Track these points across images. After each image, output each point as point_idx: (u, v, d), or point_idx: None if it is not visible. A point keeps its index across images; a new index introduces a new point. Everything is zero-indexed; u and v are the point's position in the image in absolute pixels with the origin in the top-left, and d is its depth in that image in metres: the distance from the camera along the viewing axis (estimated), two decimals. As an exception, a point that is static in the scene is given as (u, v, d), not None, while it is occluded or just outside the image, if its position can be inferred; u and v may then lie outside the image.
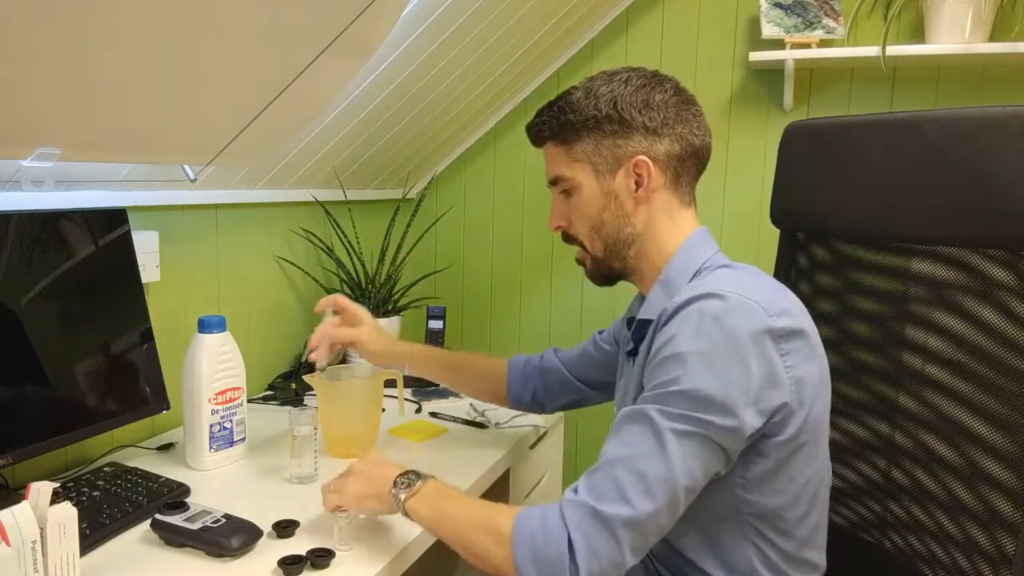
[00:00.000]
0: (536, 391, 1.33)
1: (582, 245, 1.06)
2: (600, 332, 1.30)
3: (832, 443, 1.16)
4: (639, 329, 1.02)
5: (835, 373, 1.15)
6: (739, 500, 0.91)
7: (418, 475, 0.97)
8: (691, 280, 0.98)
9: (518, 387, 1.34)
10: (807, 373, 0.89)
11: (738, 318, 0.86)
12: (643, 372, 0.94)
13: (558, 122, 1.02)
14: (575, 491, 0.87)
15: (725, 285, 0.89)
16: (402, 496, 0.95)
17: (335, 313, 1.36)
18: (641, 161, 0.99)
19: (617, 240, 1.02)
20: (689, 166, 1.02)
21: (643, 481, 0.83)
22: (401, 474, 0.98)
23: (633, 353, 1.04)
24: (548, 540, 0.84)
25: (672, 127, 0.99)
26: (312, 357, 1.31)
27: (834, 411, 1.15)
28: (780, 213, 1.21)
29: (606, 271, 1.06)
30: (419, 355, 1.36)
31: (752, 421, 0.85)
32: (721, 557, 0.93)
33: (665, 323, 0.90)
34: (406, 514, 0.96)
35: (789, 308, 0.90)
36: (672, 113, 0.99)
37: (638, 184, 0.99)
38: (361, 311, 1.35)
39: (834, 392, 1.15)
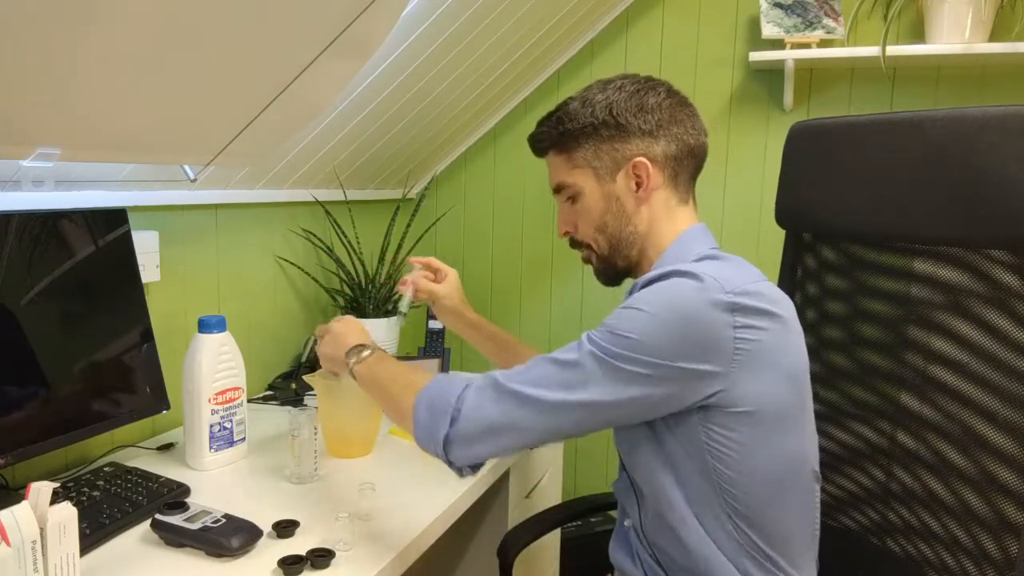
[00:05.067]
0: None
1: (589, 247, 1.09)
2: None
3: (840, 444, 1.16)
4: None
5: (842, 374, 1.15)
6: (711, 471, 0.93)
7: (366, 347, 1.11)
8: None
9: None
10: (764, 353, 0.90)
11: (692, 290, 0.90)
12: None
13: (557, 131, 1.06)
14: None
15: (698, 268, 0.93)
16: (351, 362, 1.10)
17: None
18: (640, 162, 1.02)
19: (620, 239, 1.06)
20: (686, 165, 1.05)
21: (547, 377, 0.93)
22: (354, 346, 1.12)
23: None
24: (446, 391, 0.97)
25: (667, 128, 1.02)
26: (399, 290, 1.40)
27: (842, 412, 1.16)
28: (785, 213, 1.21)
29: (612, 270, 1.10)
30: (483, 326, 1.40)
31: (677, 373, 0.88)
32: (709, 535, 0.95)
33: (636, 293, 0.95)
34: (354, 378, 1.10)
35: (756, 291, 0.91)
36: (666, 115, 1.02)
37: (638, 184, 1.03)
38: (450, 272, 1.42)
39: (842, 393, 1.16)
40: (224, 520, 1.02)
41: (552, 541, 1.81)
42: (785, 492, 0.96)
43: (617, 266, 1.08)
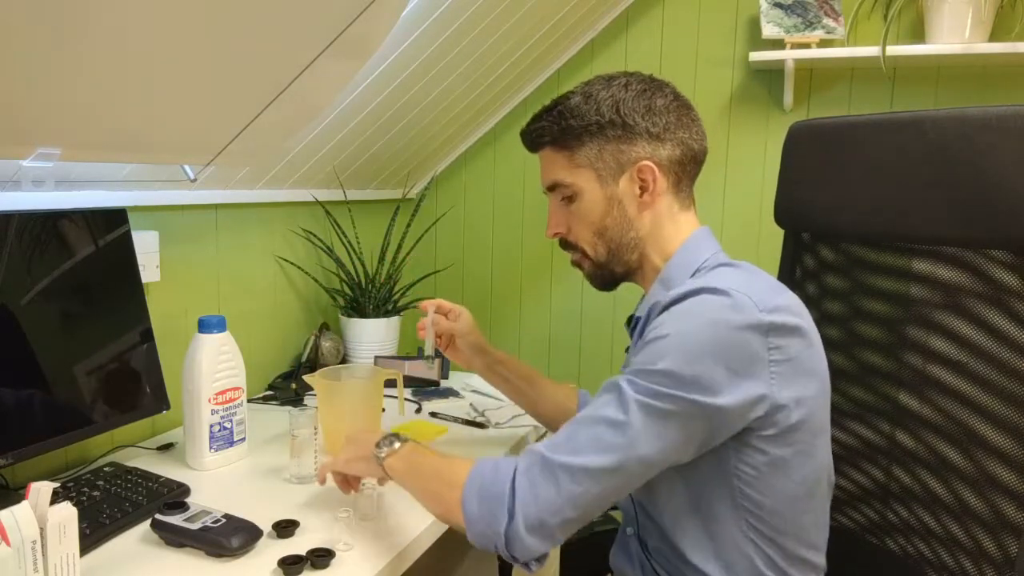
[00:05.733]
0: None
1: (583, 251, 1.05)
2: None
3: (839, 444, 1.16)
4: (636, 325, 1.03)
5: (841, 374, 1.15)
6: (736, 494, 0.91)
7: (398, 437, 1.03)
8: (691, 278, 0.98)
9: None
10: (797, 370, 0.89)
11: (725, 310, 0.86)
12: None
13: (559, 127, 1.01)
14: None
15: (722, 281, 0.89)
16: (382, 455, 1.01)
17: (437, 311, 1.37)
18: (646, 166, 0.98)
19: (620, 245, 1.02)
20: (689, 170, 1.02)
21: (598, 441, 0.86)
22: (384, 436, 1.03)
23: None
24: (496, 479, 0.89)
25: (674, 132, 0.99)
26: (420, 336, 1.35)
27: (841, 412, 1.16)
28: (784, 213, 1.21)
29: (608, 276, 1.06)
30: (508, 362, 1.34)
31: (725, 403, 0.85)
32: (722, 556, 0.93)
33: (658, 315, 0.91)
34: (385, 472, 1.01)
35: (785, 305, 0.90)
36: (673, 118, 0.99)
37: (643, 189, 0.99)
38: (463, 311, 1.35)
39: (841, 393, 1.15)
40: (224, 520, 1.02)
41: (552, 541, 1.81)
42: (809, 505, 0.94)
43: (615, 272, 1.05)
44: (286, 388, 1.74)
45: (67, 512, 0.81)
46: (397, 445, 1.01)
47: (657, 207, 1.01)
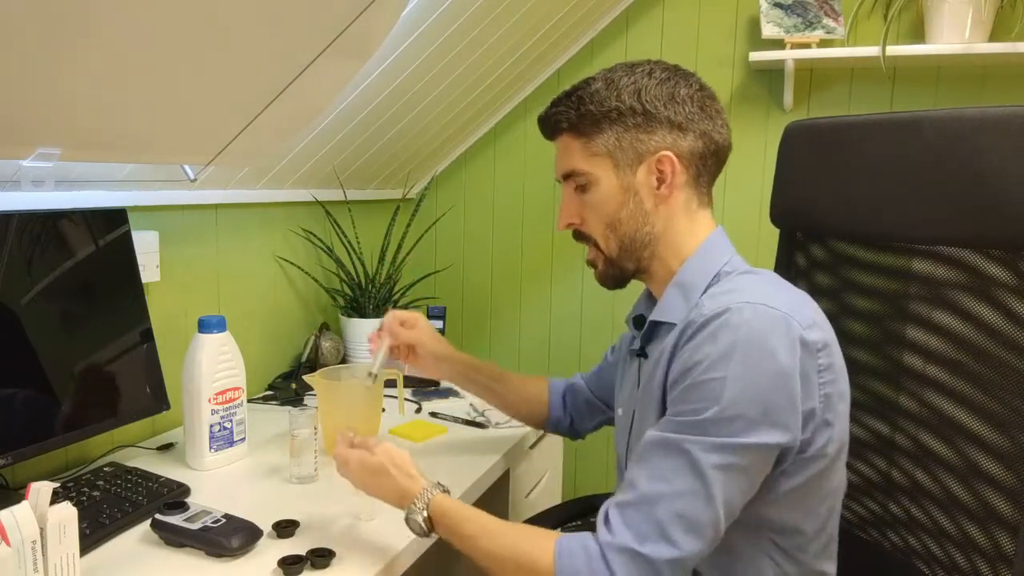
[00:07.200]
0: (573, 416, 1.32)
1: (595, 244, 1.01)
2: (612, 349, 1.28)
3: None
4: (651, 330, 1.00)
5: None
6: (762, 518, 0.88)
7: (416, 496, 0.96)
8: (709, 284, 0.94)
9: (558, 412, 1.32)
10: (836, 387, 0.88)
11: (772, 335, 0.83)
12: (663, 386, 0.90)
13: (577, 113, 0.96)
14: (610, 529, 0.84)
15: (751, 295, 0.86)
16: (417, 518, 0.95)
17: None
18: (665, 157, 0.94)
19: (634, 240, 0.98)
20: (710, 165, 0.98)
21: (686, 521, 0.81)
22: (418, 494, 0.96)
23: (641, 354, 1.02)
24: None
25: (697, 123, 0.95)
26: (372, 348, 1.28)
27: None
28: (779, 212, 1.21)
29: (619, 273, 1.02)
30: (476, 364, 1.31)
31: (795, 436, 0.84)
32: (737, 574, 0.91)
33: (691, 337, 0.87)
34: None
35: (817, 320, 0.88)
36: (697, 108, 0.95)
37: (660, 181, 0.95)
38: (418, 316, 1.29)
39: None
40: (224, 520, 1.02)
41: (552, 541, 1.81)
42: (827, 520, 0.93)
43: (626, 269, 1.00)
44: (286, 388, 1.74)
45: (67, 512, 0.81)
46: (432, 496, 0.95)
47: (674, 201, 0.97)
